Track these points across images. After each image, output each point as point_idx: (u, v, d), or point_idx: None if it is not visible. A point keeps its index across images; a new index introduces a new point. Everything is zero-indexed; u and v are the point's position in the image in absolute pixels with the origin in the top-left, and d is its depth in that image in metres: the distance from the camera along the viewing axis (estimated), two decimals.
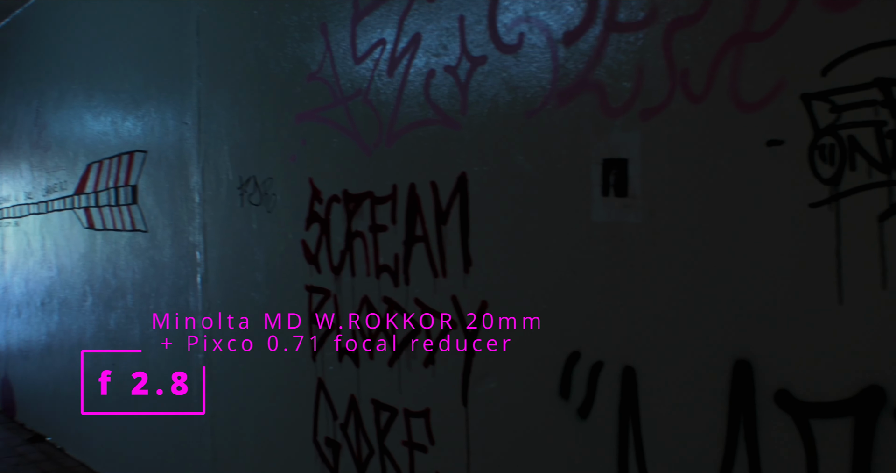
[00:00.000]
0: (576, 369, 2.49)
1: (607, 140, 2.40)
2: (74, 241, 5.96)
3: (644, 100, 2.28)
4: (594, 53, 2.41)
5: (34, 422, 7.12)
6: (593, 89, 2.43)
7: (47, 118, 6.40)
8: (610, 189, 2.43)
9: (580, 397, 2.48)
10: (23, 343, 7.17)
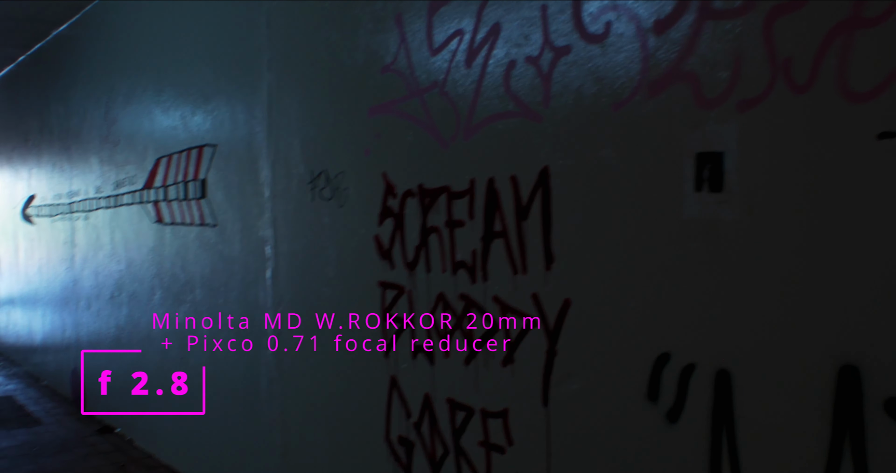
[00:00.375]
0: (665, 371, 2.41)
1: (701, 133, 2.31)
2: (143, 235, 6.02)
3: (742, 90, 2.19)
4: (687, 42, 2.33)
5: (103, 412, 7.23)
6: (686, 80, 2.34)
7: (117, 113, 6.47)
8: (704, 184, 2.34)
9: (669, 400, 2.40)
10: (92, 335, 7.28)
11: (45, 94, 8.39)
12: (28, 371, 9.71)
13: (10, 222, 10.13)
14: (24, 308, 9.69)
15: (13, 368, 10.08)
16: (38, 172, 8.80)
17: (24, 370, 9.85)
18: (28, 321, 9.56)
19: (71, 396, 8.05)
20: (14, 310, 10.23)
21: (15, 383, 9.16)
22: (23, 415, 7.61)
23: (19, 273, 9.86)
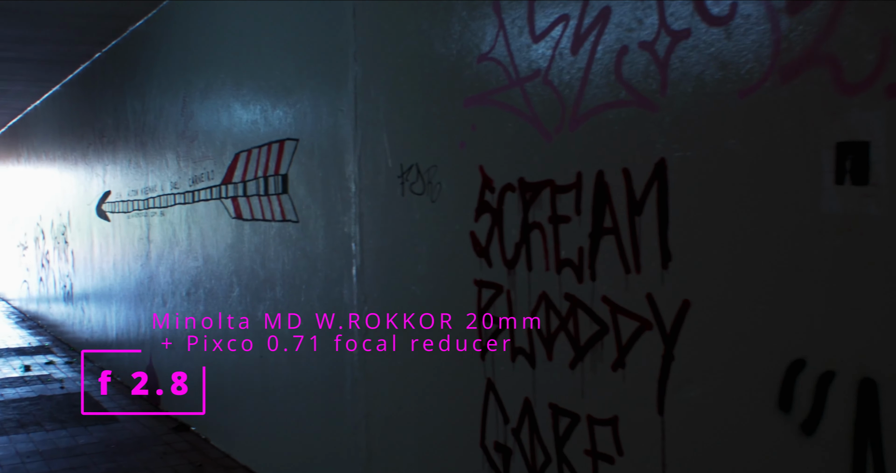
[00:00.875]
0: (799, 378, 2.26)
1: (842, 121, 2.15)
2: (221, 231, 6.00)
3: (891, 74, 2.03)
4: (827, 23, 2.16)
5: (177, 410, 7.25)
6: (825, 64, 2.18)
7: (194, 108, 6.47)
8: (845, 176, 2.18)
9: (804, 410, 2.24)
10: (168, 332, 7.31)
11: (121, 90, 8.45)
12: (102, 367, 9.82)
13: (85, 219, 10.27)
14: (99, 304, 9.81)
15: (87, 363, 10.21)
16: (113, 169, 8.88)
17: (98, 365, 9.97)
18: (102, 317, 9.68)
19: (146, 392, 8.10)
20: (88, 306, 10.36)
21: (89, 378, 9.27)
22: (98, 411, 7.67)
23: (94, 269, 9.99)
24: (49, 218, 12.64)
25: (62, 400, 8.20)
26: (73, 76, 10.70)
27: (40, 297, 13.83)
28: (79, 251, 10.76)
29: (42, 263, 13.42)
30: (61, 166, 11.59)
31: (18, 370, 9.91)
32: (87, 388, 8.75)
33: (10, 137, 16.21)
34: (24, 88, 11.88)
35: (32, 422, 7.32)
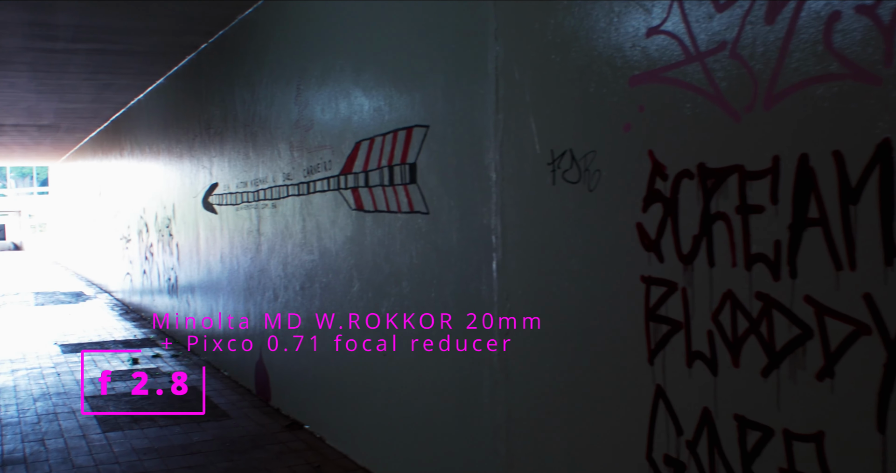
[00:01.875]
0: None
1: None
2: (340, 223, 5.84)
3: None
4: None
5: (290, 408, 7.14)
6: None
7: (308, 96, 6.31)
8: None
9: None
10: (280, 327, 7.20)
11: (230, 80, 8.39)
12: (208, 361, 9.83)
13: (190, 212, 10.29)
14: (205, 297, 9.81)
15: (193, 357, 10.24)
16: (220, 161, 8.84)
17: (204, 359, 9.98)
18: (209, 310, 9.67)
19: (255, 388, 8.03)
20: (194, 299, 10.39)
21: (197, 372, 9.27)
22: (209, 407, 7.62)
23: (199, 262, 10.00)
24: (153, 211, 12.77)
25: (172, 395, 8.18)
26: (179, 68, 10.73)
27: (143, 289, 14.01)
28: (184, 244, 10.81)
29: (146, 255, 13.58)
30: (166, 159, 11.67)
31: (127, 363, 9.99)
32: (195, 383, 8.73)
33: (113, 132, 16.49)
34: (130, 81, 12.00)
35: (145, 417, 7.31)
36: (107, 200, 18.07)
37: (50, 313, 15.45)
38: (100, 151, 18.62)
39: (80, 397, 8.19)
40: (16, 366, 9.97)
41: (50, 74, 11.24)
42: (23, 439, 6.71)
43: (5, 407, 7.79)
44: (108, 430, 6.92)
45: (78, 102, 14.10)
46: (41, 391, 8.47)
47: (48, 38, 9.05)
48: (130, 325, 13.44)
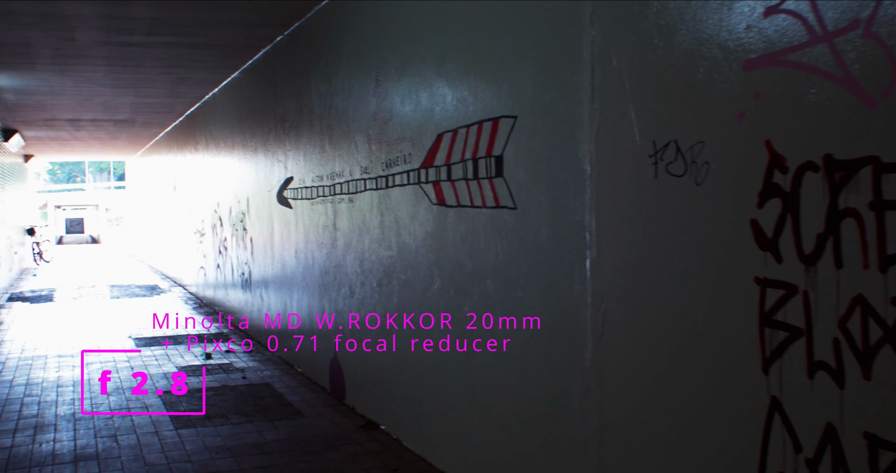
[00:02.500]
0: None
1: None
2: (420, 218, 5.67)
3: None
4: None
5: (365, 407, 7.02)
6: None
7: (388, 87, 6.17)
8: None
9: None
10: (356, 324, 7.08)
11: (305, 73, 8.30)
12: (281, 357, 9.78)
13: (265, 206, 10.25)
14: (278, 293, 9.76)
15: (266, 353, 10.20)
16: (295, 155, 8.77)
17: (278, 355, 9.93)
18: (282, 305, 9.62)
19: (329, 386, 7.93)
20: (267, 293, 10.36)
21: (270, 369, 9.22)
22: (283, 405, 7.55)
23: (273, 257, 9.96)
24: (227, 205, 12.80)
25: (245, 391, 8.14)
26: (253, 61, 10.71)
27: (217, 283, 14.08)
28: (258, 238, 10.78)
29: (219, 249, 13.64)
30: (240, 153, 11.67)
31: (200, 357, 10.00)
32: (269, 379, 8.68)
33: (188, 126, 16.63)
34: (205, 75, 12.03)
35: (218, 414, 7.25)
36: (181, 194, 18.25)
37: (125, 306, 15.65)
38: (174, 145, 18.83)
39: (154, 392, 8.19)
40: (90, 359, 10.05)
41: (126, 68, 11.33)
42: (95, 434, 6.70)
43: (79, 402, 7.83)
44: (180, 427, 6.87)
45: (153, 96, 14.23)
46: (114, 386, 8.50)
47: (124, 32, 9.09)
48: (204, 319, 13.52)
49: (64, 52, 10.17)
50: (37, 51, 10.11)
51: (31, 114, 16.46)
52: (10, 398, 8.02)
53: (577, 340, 3.98)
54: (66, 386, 8.51)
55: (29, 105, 15.17)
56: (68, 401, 7.85)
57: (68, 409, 7.55)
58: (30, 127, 18.92)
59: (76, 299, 17.13)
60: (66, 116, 16.86)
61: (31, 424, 7.05)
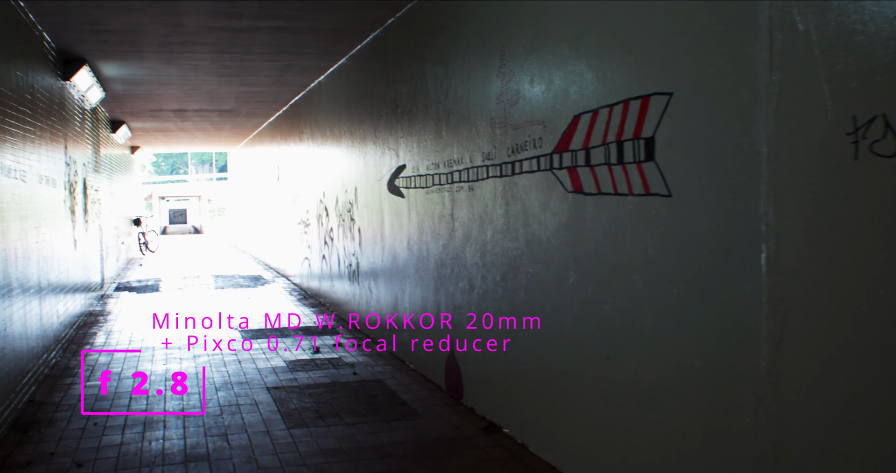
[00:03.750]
0: None
1: None
2: (552, 207, 5.28)
3: None
4: None
5: (485, 408, 6.67)
6: None
7: (514, 67, 5.78)
8: None
9: None
10: (476, 320, 6.73)
11: (419, 55, 7.97)
12: (391, 352, 9.51)
13: (374, 195, 9.99)
14: (389, 285, 9.49)
15: (375, 347, 9.95)
16: (408, 141, 8.46)
17: (388, 350, 9.67)
18: (392, 299, 9.35)
19: (445, 384, 7.61)
20: (376, 286, 10.11)
21: (381, 364, 8.96)
22: (397, 404, 7.25)
23: (384, 248, 9.69)
24: (333, 195, 12.62)
25: (357, 388, 7.88)
26: (362, 46, 10.45)
27: (322, 274, 13.94)
28: (366, 229, 10.54)
29: (325, 240, 13.49)
30: (348, 142, 11.45)
31: (308, 352, 9.81)
32: (380, 375, 8.41)
33: (292, 116, 16.56)
34: (312, 62, 11.85)
35: (331, 413, 7.00)
36: (285, 184, 18.23)
37: (229, 296, 15.68)
38: (278, 135, 18.82)
39: (263, 387, 8.00)
40: (197, 352, 9.97)
41: (233, 55, 11.21)
42: (206, 432, 6.52)
43: (188, 396, 7.69)
44: (292, 426, 6.64)
45: (258, 85, 14.15)
46: (222, 380, 8.35)
47: (233, 16, 8.92)
48: (309, 310, 13.39)
49: (172, 39, 10.09)
50: (145, 38, 10.06)
51: (137, 105, 16.63)
52: (119, 391, 7.94)
53: (748, 345, 3.53)
54: (174, 380, 8.40)
55: (136, 96, 15.30)
56: (176, 396, 7.72)
57: (177, 404, 7.41)
58: (136, 118, 19.17)
59: (181, 289, 17.28)
60: (171, 106, 16.99)
61: (139, 420, 6.92)
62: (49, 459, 5.94)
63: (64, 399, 7.66)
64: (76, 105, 12.44)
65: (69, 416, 7.08)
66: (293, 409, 7.15)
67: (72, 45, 10.40)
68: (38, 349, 8.35)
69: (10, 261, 7.00)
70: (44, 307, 8.76)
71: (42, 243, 8.76)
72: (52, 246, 9.49)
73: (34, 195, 8.34)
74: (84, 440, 6.37)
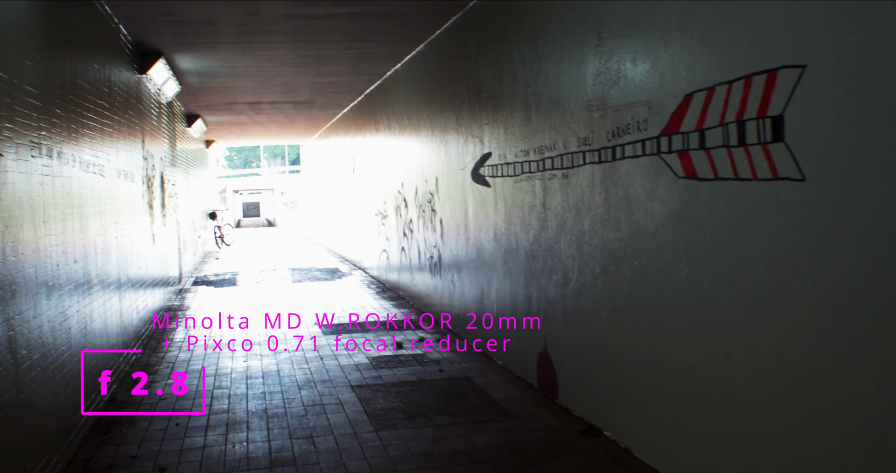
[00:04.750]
0: None
1: None
2: (660, 195, 4.92)
3: None
4: None
5: (583, 409, 6.34)
6: None
7: (614, 45, 5.42)
8: None
9: None
10: (570, 315, 6.40)
11: (505, 37, 7.65)
12: (478, 348, 9.22)
13: (456, 185, 9.71)
14: (474, 278, 9.20)
15: (460, 342, 9.68)
16: (493, 128, 8.14)
17: (474, 346, 9.38)
18: (477, 292, 9.06)
19: (537, 383, 7.30)
20: (460, 278, 9.83)
21: (467, 361, 8.68)
22: (488, 403, 6.97)
23: (468, 239, 9.40)
24: (412, 185, 12.38)
25: (445, 386, 7.61)
26: (442, 31, 10.16)
27: (401, 267, 13.72)
28: (448, 220, 10.26)
29: (404, 232, 13.26)
30: (427, 130, 11.18)
31: (391, 347, 9.58)
32: (468, 372, 8.13)
33: (367, 106, 16.37)
34: (389, 49, 11.61)
35: (419, 413, 6.74)
36: (361, 176, 18.07)
37: (307, 290, 15.58)
38: (353, 126, 18.66)
39: (347, 385, 7.79)
40: (277, 348, 9.82)
41: (309, 43, 11.02)
42: (290, 434, 6.31)
43: (270, 395, 7.51)
44: (380, 428, 6.39)
45: (334, 75, 13.97)
46: (305, 378, 8.16)
47: (310, 3, 8.71)
48: (388, 304, 13.19)
49: (248, 28, 9.92)
50: (221, 28, 9.92)
51: (212, 98, 16.61)
52: (200, 390, 7.80)
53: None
54: (255, 377, 8.24)
55: (211, 89, 15.26)
56: (259, 394, 7.55)
57: (259, 404, 7.23)
58: (211, 112, 19.20)
59: (258, 282, 17.25)
60: (246, 99, 16.94)
61: (222, 420, 6.75)
62: (131, 462, 5.78)
63: (145, 398, 7.54)
64: (152, 99, 12.41)
65: (150, 416, 6.95)
66: (380, 409, 6.92)
67: (147, 37, 10.31)
68: (119, 346, 8.27)
69: (90, 257, 6.89)
70: (123, 303, 8.68)
71: (121, 239, 8.68)
72: (131, 241, 9.42)
73: (113, 190, 8.25)
74: (166, 442, 6.22)
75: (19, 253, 4.82)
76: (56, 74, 6.00)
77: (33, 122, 5.25)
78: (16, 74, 4.93)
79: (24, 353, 4.85)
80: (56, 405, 5.55)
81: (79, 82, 6.81)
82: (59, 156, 5.90)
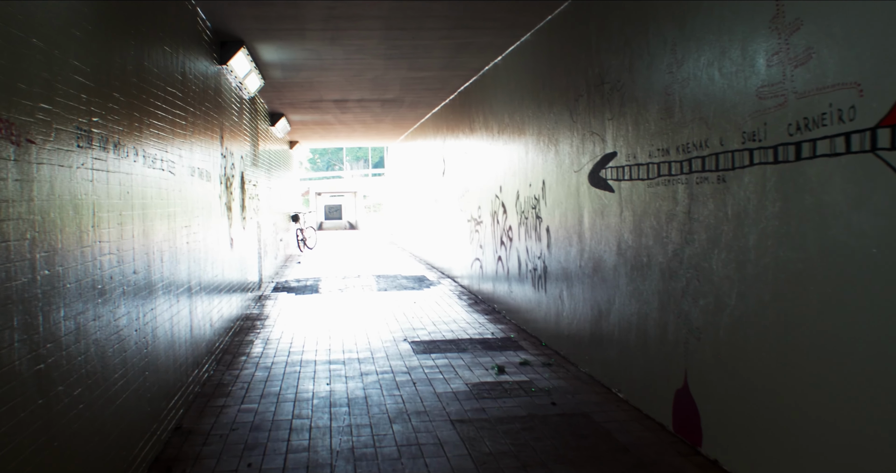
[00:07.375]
0: None
1: None
2: (872, 205, 3.81)
3: None
4: None
5: (737, 463, 5.22)
6: None
7: (800, 14, 4.32)
8: None
9: None
10: (723, 349, 5.28)
11: (639, 16, 6.57)
12: (591, 375, 8.15)
13: (567, 189, 8.64)
14: (588, 295, 8.12)
15: (570, 367, 8.59)
16: (618, 123, 7.06)
17: (586, 372, 8.31)
18: (594, 312, 7.97)
19: (672, 425, 6.19)
20: (569, 295, 8.76)
21: (582, 391, 7.59)
22: (616, 450, 5.88)
23: (582, 251, 8.32)
24: (512, 189, 11.34)
25: (560, 425, 6.55)
26: (553, 16, 9.12)
27: (497, 277, 12.69)
28: (557, 228, 9.19)
29: (501, 240, 12.23)
30: (532, 129, 10.13)
31: (491, 371, 8.55)
32: (585, 407, 7.05)
33: (460, 104, 15.41)
34: (491, 38, 10.61)
35: (536, 462, 5.69)
36: (451, 179, 17.10)
37: (393, 300, 14.65)
38: (443, 126, 17.71)
39: (446, 420, 6.78)
40: (365, 368, 8.87)
41: (404, 31, 10.08)
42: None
43: (357, 429, 6.54)
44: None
45: (427, 69, 13.04)
46: (396, 408, 7.17)
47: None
48: (483, 319, 12.16)
49: (337, 12, 9.02)
50: (307, 12, 9.04)
51: (297, 94, 15.85)
52: (277, 420, 6.86)
53: None
54: (339, 405, 7.29)
55: (295, 84, 14.48)
56: (344, 428, 6.58)
57: (345, 441, 6.25)
58: (295, 110, 18.48)
59: (342, 290, 16.40)
60: (332, 96, 16.14)
61: (301, 462, 5.79)
62: None
63: (214, 428, 6.65)
64: (233, 93, 11.62)
65: (219, 451, 6.04)
66: (487, 453, 5.88)
67: (228, 22, 9.49)
68: (188, 365, 7.41)
69: (153, 266, 6.02)
70: (194, 316, 7.83)
71: (194, 244, 7.83)
72: (205, 246, 8.58)
73: (185, 190, 7.39)
74: None
75: (55, 265, 3.91)
76: (115, 52, 5.11)
77: (81, 105, 4.35)
78: (56, 43, 4.02)
79: (60, 389, 3.95)
80: (106, 444, 4.66)
81: (145, 65, 5.93)
82: (115, 148, 5.00)
